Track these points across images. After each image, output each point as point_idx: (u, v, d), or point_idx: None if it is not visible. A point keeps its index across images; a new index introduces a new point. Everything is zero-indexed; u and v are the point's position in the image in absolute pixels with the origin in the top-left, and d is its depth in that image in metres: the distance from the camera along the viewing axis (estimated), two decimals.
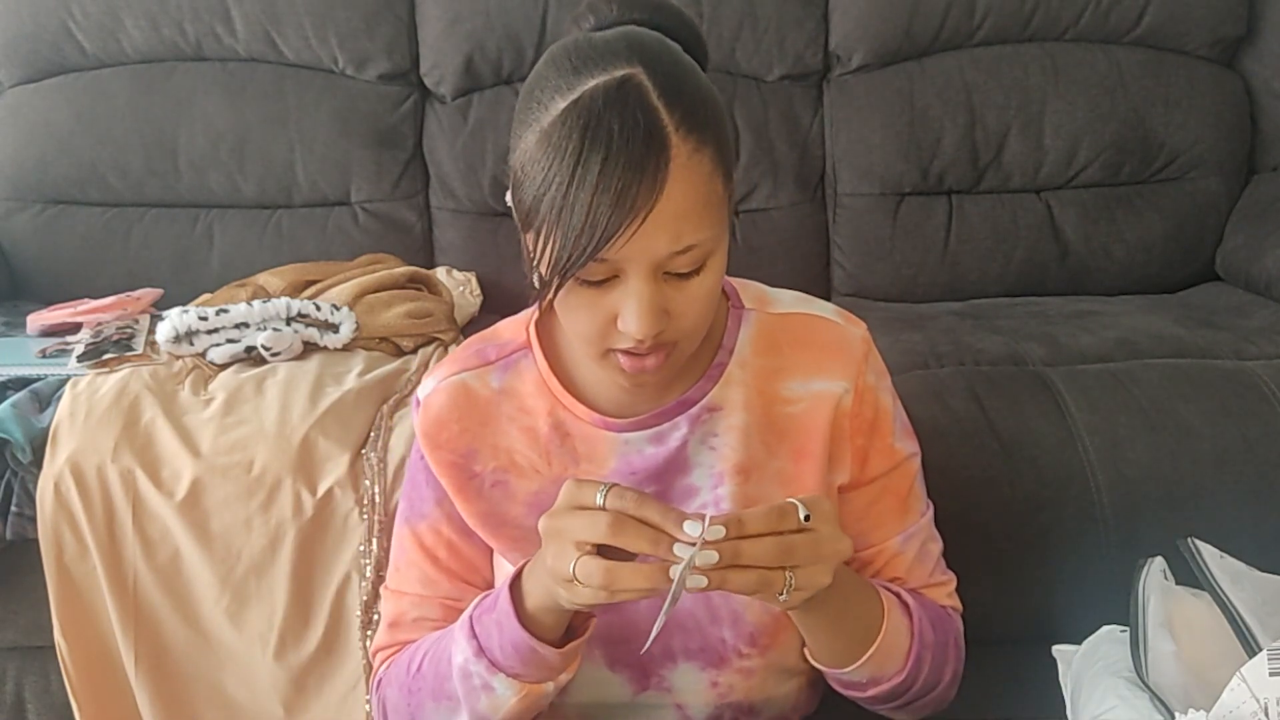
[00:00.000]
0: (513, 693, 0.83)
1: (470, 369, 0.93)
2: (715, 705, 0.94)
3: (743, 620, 0.91)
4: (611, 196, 0.71)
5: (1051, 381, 1.49)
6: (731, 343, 0.91)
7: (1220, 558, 0.92)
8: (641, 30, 0.79)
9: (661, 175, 0.72)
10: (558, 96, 0.74)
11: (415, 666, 0.91)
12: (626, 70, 0.74)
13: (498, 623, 0.82)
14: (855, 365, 0.91)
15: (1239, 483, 1.38)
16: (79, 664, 1.44)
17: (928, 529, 0.97)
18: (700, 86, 0.77)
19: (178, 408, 1.45)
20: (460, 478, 0.92)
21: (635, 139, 0.72)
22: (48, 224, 2.02)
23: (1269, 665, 0.73)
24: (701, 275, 0.78)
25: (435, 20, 2.01)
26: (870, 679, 0.88)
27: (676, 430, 0.90)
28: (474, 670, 0.84)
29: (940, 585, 0.98)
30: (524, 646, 0.81)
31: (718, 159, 0.76)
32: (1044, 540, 1.38)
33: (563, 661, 0.83)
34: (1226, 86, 2.03)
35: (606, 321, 0.78)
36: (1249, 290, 1.91)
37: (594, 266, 0.74)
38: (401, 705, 0.91)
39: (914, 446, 0.97)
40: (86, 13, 2.01)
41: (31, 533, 1.41)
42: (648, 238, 0.73)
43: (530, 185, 0.75)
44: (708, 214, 0.76)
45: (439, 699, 0.88)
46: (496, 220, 2.02)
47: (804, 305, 0.94)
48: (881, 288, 2.01)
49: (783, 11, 2.00)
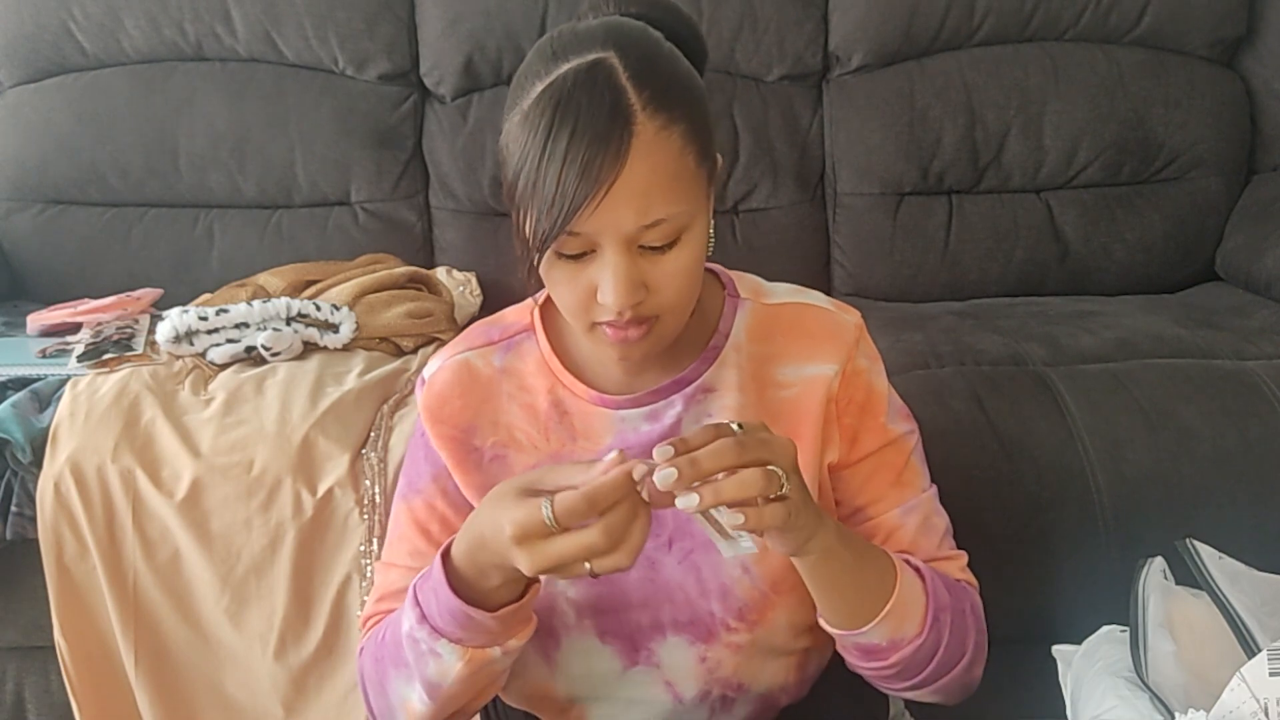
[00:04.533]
0: (457, 658, 0.84)
1: (474, 348, 0.96)
2: (704, 681, 0.95)
3: (731, 594, 0.93)
4: (578, 169, 0.75)
5: (1051, 381, 1.49)
6: (727, 328, 0.94)
7: (1219, 558, 0.92)
8: (624, 20, 0.83)
9: (624, 148, 0.75)
10: (537, 81, 0.79)
11: (382, 635, 0.92)
12: (600, 54, 0.78)
13: (434, 590, 0.84)
14: (846, 349, 0.93)
15: (1239, 483, 1.38)
16: (79, 664, 1.44)
17: (930, 504, 0.98)
18: (676, 70, 0.81)
19: (178, 408, 1.45)
20: (460, 452, 0.94)
21: (600, 114, 0.76)
22: (48, 224, 2.02)
23: (1269, 665, 0.73)
24: (677, 250, 0.81)
25: (435, 20, 2.02)
26: (890, 641, 0.87)
27: (671, 409, 0.92)
28: (419, 636, 0.85)
29: (950, 559, 0.98)
30: (458, 612, 0.82)
31: (689, 136, 0.79)
32: (1044, 540, 1.38)
33: (501, 627, 0.83)
34: (1226, 86, 2.03)
35: (587, 295, 0.81)
36: (1249, 290, 1.91)
37: (569, 240, 0.78)
38: (372, 673, 0.93)
39: (910, 426, 0.98)
40: (86, 13, 2.01)
41: (31, 533, 1.41)
42: (614, 210, 0.76)
43: (511, 163, 0.80)
44: (677, 188, 0.79)
45: (398, 666, 0.89)
46: (496, 220, 2.02)
47: (798, 295, 0.97)
48: (881, 288, 2.01)
49: (783, 11, 2.00)
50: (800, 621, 0.95)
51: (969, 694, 0.95)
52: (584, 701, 0.98)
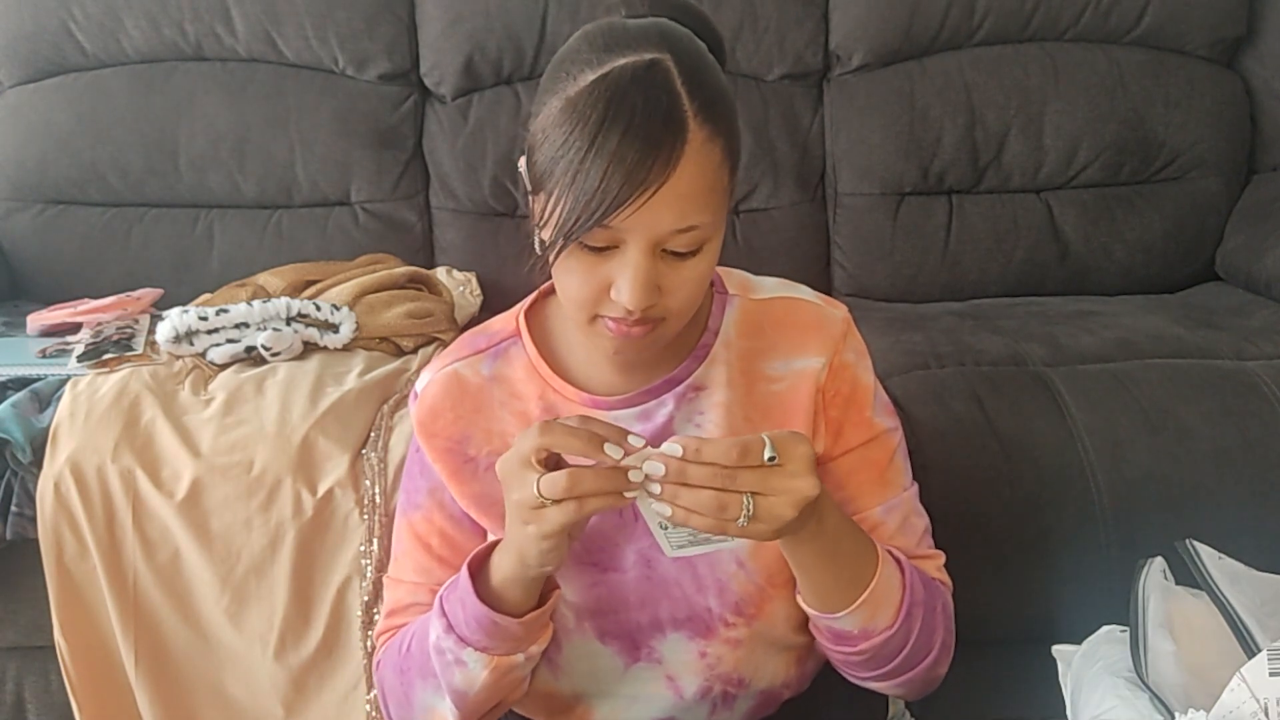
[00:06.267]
0: (482, 666, 0.87)
1: (462, 358, 0.97)
2: (705, 677, 0.96)
3: (728, 589, 0.93)
4: (626, 168, 0.75)
5: (1051, 381, 1.49)
6: (716, 325, 0.95)
7: (1219, 559, 0.92)
8: (674, 24, 0.83)
9: (676, 154, 0.76)
10: (587, 69, 0.78)
11: (405, 647, 0.94)
12: (656, 55, 0.78)
13: (460, 600, 0.86)
14: (833, 343, 0.94)
15: (1239, 483, 1.38)
16: (79, 664, 1.44)
17: (910, 503, 0.98)
18: (720, 83, 0.82)
19: (178, 408, 1.45)
20: (455, 462, 0.95)
21: (656, 117, 0.76)
22: (48, 224, 2.02)
23: (1269, 665, 0.73)
24: (697, 258, 0.82)
25: (435, 20, 2.02)
26: (861, 630, 0.88)
27: (663, 408, 0.93)
28: (445, 646, 0.87)
29: (928, 558, 0.98)
30: (485, 619, 0.85)
31: (727, 151, 0.81)
32: (1044, 540, 1.38)
33: (525, 632, 0.86)
34: (1226, 86, 2.03)
35: (600, 289, 0.81)
36: (1249, 290, 1.91)
37: (598, 232, 0.78)
38: (395, 686, 0.95)
39: (894, 423, 0.99)
40: (86, 13, 2.01)
41: (31, 533, 1.41)
42: (654, 212, 0.77)
43: (549, 147, 0.79)
44: (713, 199, 0.80)
45: (425, 677, 0.91)
46: (496, 220, 2.02)
47: (785, 290, 0.98)
48: (881, 288, 2.01)
49: (783, 11, 2.00)
50: (799, 615, 0.95)
51: (930, 690, 0.96)
52: (588, 700, 0.99)
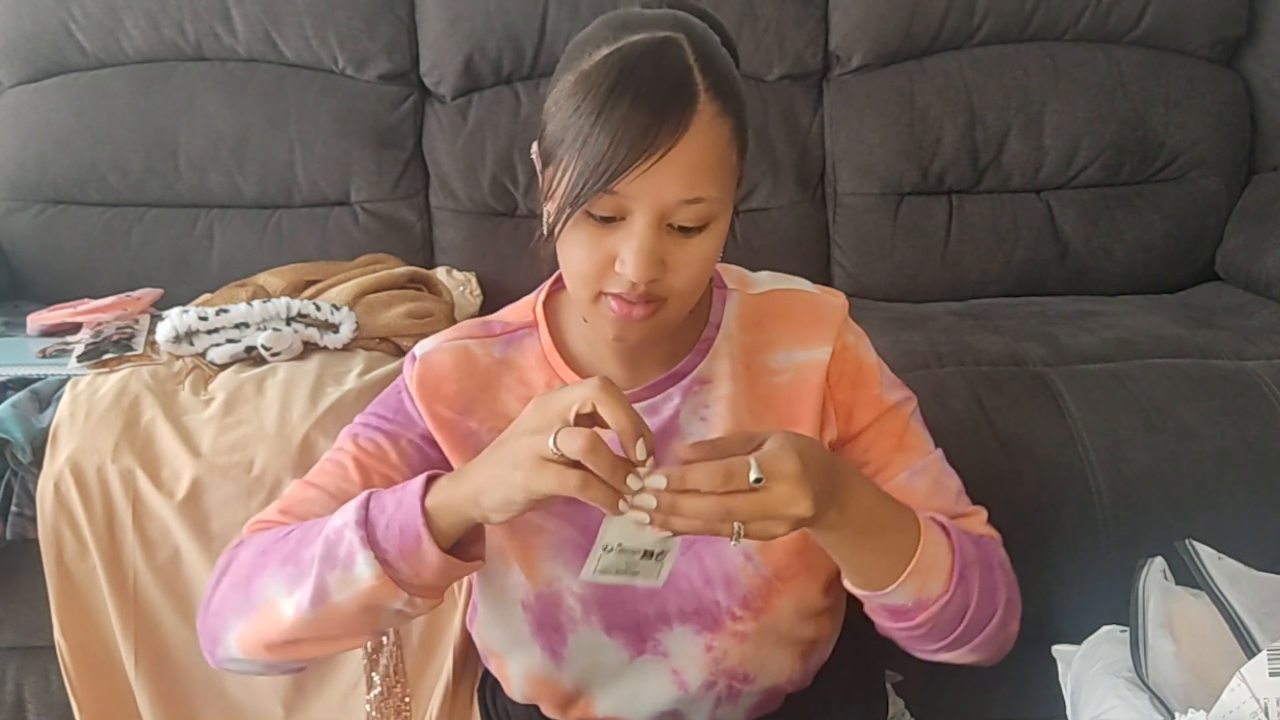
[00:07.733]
0: (369, 575, 0.80)
1: (475, 337, 0.97)
2: (710, 671, 0.96)
3: (736, 583, 0.93)
4: (634, 132, 0.76)
5: (1051, 381, 1.49)
6: (718, 319, 0.95)
7: (1219, 559, 0.92)
8: (690, 16, 0.85)
9: (685, 122, 0.77)
10: (603, 46, 0.80)
11: (284, 534, 0.88)
12: (670, 34, 0.80)
13: (400, 499, 0.81)
14: (835, 329, 0.95)
15: (1239, 483, 1.38)
16: (79, 664, 1.44)
17: (939, 464, 0.98)
18: (732, 70, 0.84)
19: (178, 408, 1.45)
20: (457, 433, 0.94)
21: (666, 85, 0.77)
22: (48, 224, 2.02)
23: (1269, 665, 0.73)
24: (702, 236, 0.82)
25: (435, 20, 2.02)
26: (916, 601, 0.86)
27: (670, 401, 0.93)
28: (347, 536, 0.81)
29: (970, 515, 0.97)
30: (412, 529, 0.80)
31: (736, 131, 0.81)
32: (1044, 540, 1.38)
33: (433, 571, 0.81)
34: (1226, 86, 2.03)
35: (605, 262, 0.81)
36: (1249, 290, 1.91)
37: (604, 199, 0.78)
38: (245, 565, 0.88)
39: (905, 394, 0.99)
40: (86, 13, 2.01)
41: (31, 533, 1.41)
42: (660, 178, 0.77)
43: (560, 117, 0.80)
44: (720, 174, 0.81)
45: (287, 563, 0.84)
46: (496, 220, 2.02)
47: (781, 282, 0.99)
48: (881, 288, 2.01)
49: (783, 11, 2.00)
50: (806, 608, 0.95)
51: (1006, 651, 0.94)
52: (590, 692, 0.99)
